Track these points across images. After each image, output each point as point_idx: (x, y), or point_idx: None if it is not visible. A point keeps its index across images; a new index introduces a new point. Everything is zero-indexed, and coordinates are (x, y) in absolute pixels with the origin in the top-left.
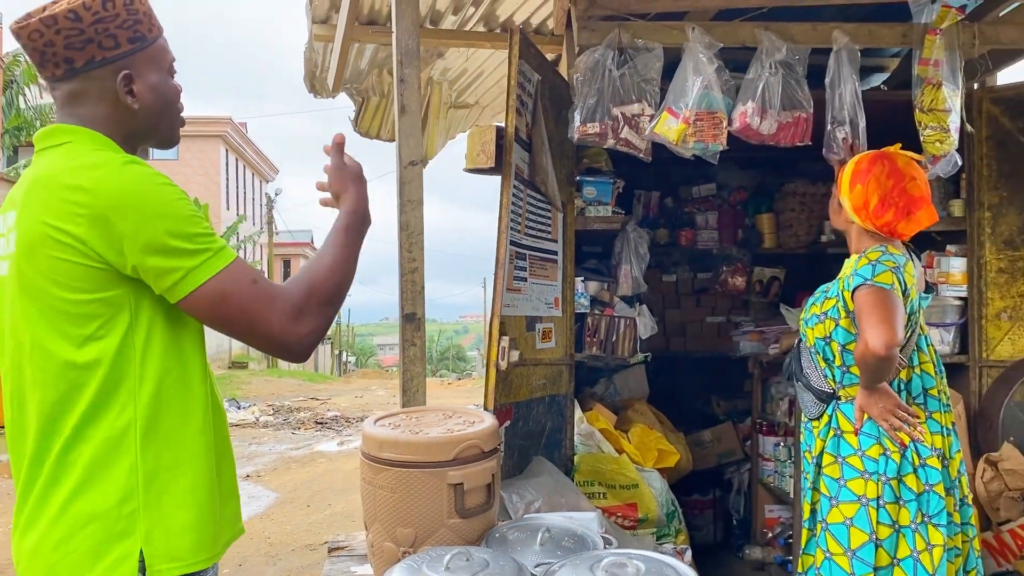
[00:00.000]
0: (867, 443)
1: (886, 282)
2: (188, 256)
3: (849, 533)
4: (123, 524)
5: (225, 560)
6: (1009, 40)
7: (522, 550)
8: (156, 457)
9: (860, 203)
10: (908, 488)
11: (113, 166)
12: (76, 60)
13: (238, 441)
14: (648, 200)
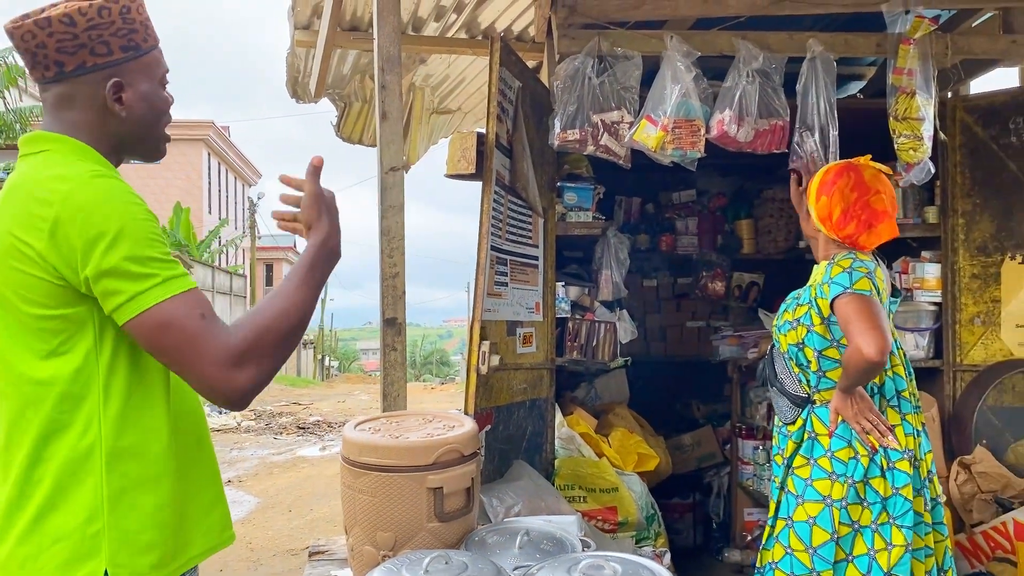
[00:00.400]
0: (838, 445)
1: (865, 288)
2: (137, 280)
3: (811, 531)
4: (89, 544)
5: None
6: (981, 50)
7: (501, 553)
8: (121, 477)
9: (825, 214)
10: (874, 491)
11: (81, 179)
12: (67, 64)
13: (220, 446)
14: (629, 206)
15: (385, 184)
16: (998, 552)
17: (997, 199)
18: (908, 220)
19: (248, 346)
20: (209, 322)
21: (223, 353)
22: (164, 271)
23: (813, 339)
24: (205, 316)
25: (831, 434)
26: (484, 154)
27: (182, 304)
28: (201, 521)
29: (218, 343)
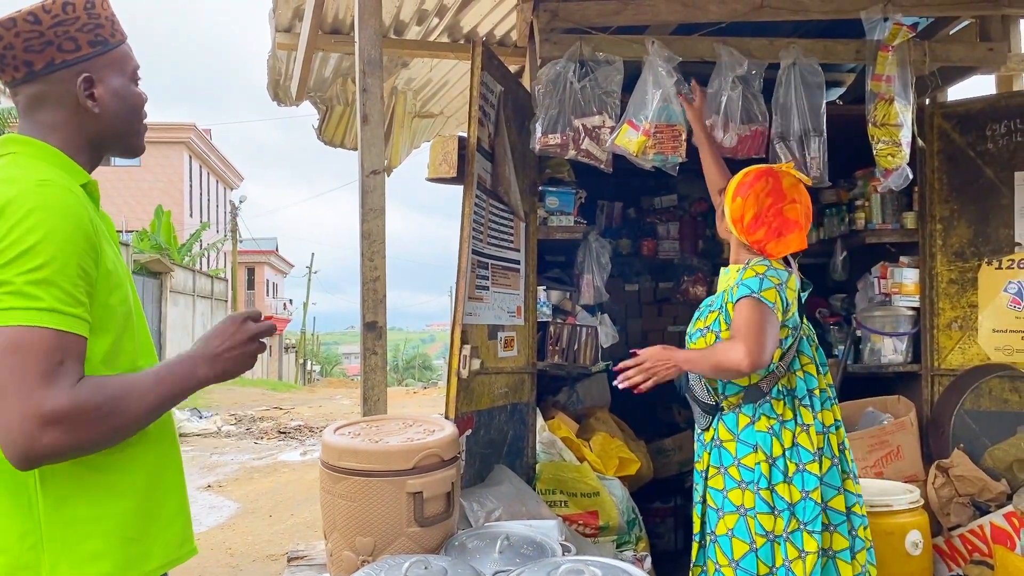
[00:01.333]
0: (744, 451)
1: (770, 299)
2: (20, 296)
3: (732, 544)
4: (27, 557)
5: (185, 571)
6: (958, 58)
7: (481, 558)
8: (57, 489)
9: (738, 215)
10: (781, 498)
11: (25, 185)
12: (35, 63)
13: (200, 451)
14: (611, 210)
15: (366, 187)
16: (975, 555)
17: (974, 205)
18: (887, 225)
19: (73, 413)
20: (62, 370)
21: (44, 409)
22: (55, 301)
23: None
24: (63, 363)
25: (736, 439)
26: (466, 158)
27: (49, 339)
28: (162, 533)
29: (49, 396)
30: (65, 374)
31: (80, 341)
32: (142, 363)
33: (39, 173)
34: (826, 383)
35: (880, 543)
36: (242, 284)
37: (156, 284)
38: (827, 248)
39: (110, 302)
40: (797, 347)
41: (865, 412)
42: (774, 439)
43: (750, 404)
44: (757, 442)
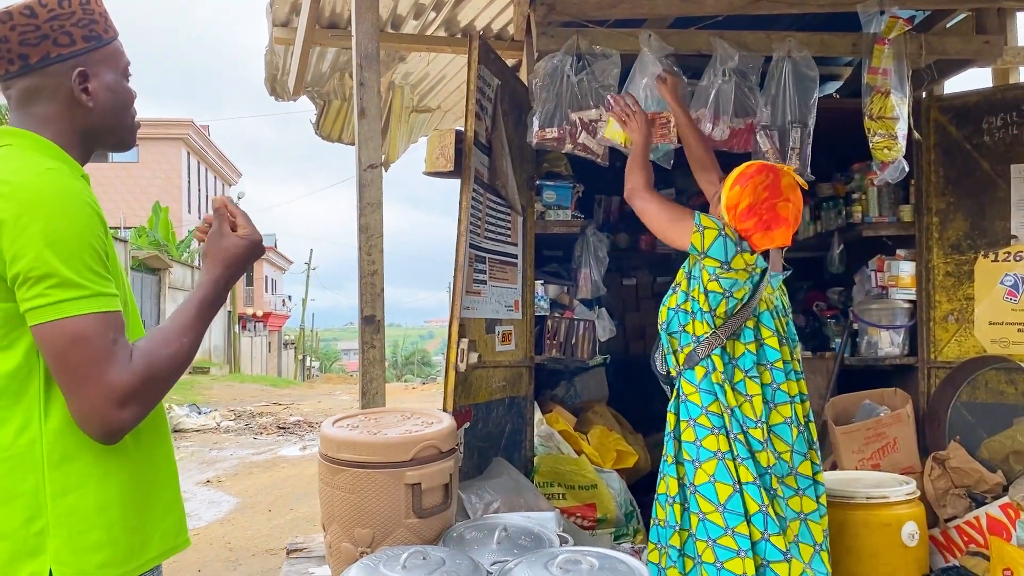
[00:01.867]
0: (707, 399)
1: (705, 223)
2: (65, 287)
3: (716, 488)
4: (32, 542)
5: (184, 566)
6: (954, 51)
7: (479, 549)
8: (64, 477)
9: (733, 202)
10: (744, 446)
11: (32, 174)
12: (31, 56)
13: (199, 446)
14: (608, 205)
15: (363, 181)
16: (971, 546)
17: (970, 198)
18: (884, 219)
19: (140, 386)
20: (118, 348)
21: (118, 388)
22: (95, 284)
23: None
24: (117, 342)
25: (699, 389)
26: (463, 152)
27: (102, 323)
28: (159, 524)
29: (117, 375)
30: (121, 351)
31: (120, 316)
32: None
33: (41, 162)
34: (789, 357)
35: (877, 534)
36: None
37: (154, 280)
38: (824, 241)
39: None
40: (760, 320)
41: (862, 404)
42: (726, 391)
43: (690, 369)
44: (715, 390)
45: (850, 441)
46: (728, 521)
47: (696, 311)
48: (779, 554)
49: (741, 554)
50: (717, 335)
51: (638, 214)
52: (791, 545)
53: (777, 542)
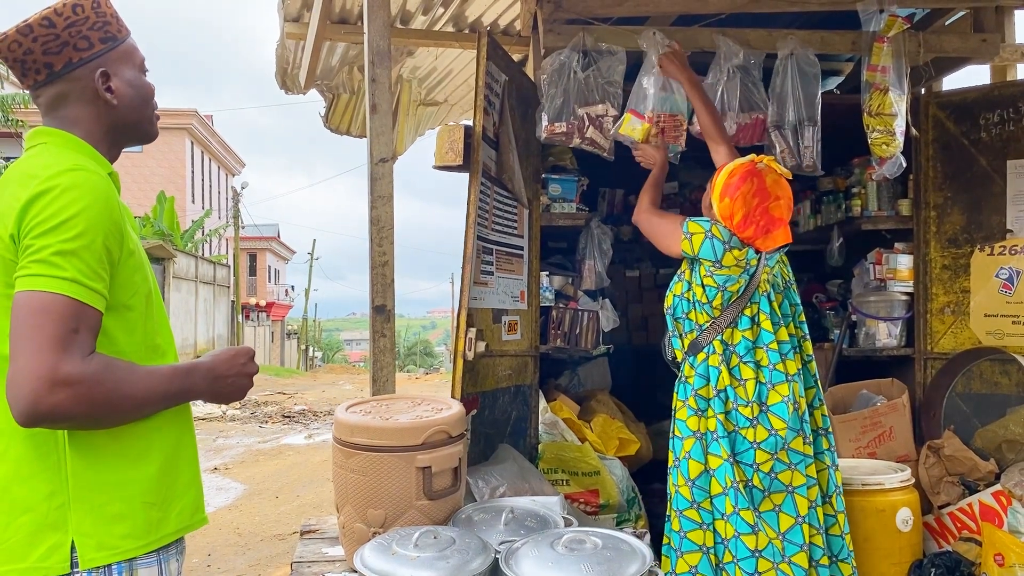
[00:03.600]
0: (700, 383)
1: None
2: (50, 265)
3: (688, 465)
4: (54, 516)
5: (194, 551)
6: (952, 48)
7: (487, 529)
8: (84, 452)
9: (727, 214)
10: (723, 426)
11: (60, 168)
12: (55, 64)
13: (205, 434)
14: (612, 197)
15: (375, 175)
16: (964, 532)
17: (967, 193)
18: (882, 212)
19: (80, 383)
20: (75, 337)
21: (56, 371)
22: (78, 274)
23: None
24: (77, 331)
25: (696, 373)
26: (471, 146)
27: (68, 307)
28: (178, 501)
29: (61, 359)
30: (79, 343)
31: (96, 315)
32: (159, 340)
33: (70, 160)
34: (788, 335)
35: (871, 519)
36: (244, 270)
37: (159, 270)
38: (824, 235)
39: (134, 279)
40: (758, 306)
41: (859, 394)
42: (721, 373)
43: (692, 356)
44: (708, 374)
45: (847, 430)
46: (695, 496)
47: (695, 302)
48: (747, 527)
49: (703, 527)
50: (716, 324)
51: (643, 233)
52: (767, 514)
53: (745, 516)
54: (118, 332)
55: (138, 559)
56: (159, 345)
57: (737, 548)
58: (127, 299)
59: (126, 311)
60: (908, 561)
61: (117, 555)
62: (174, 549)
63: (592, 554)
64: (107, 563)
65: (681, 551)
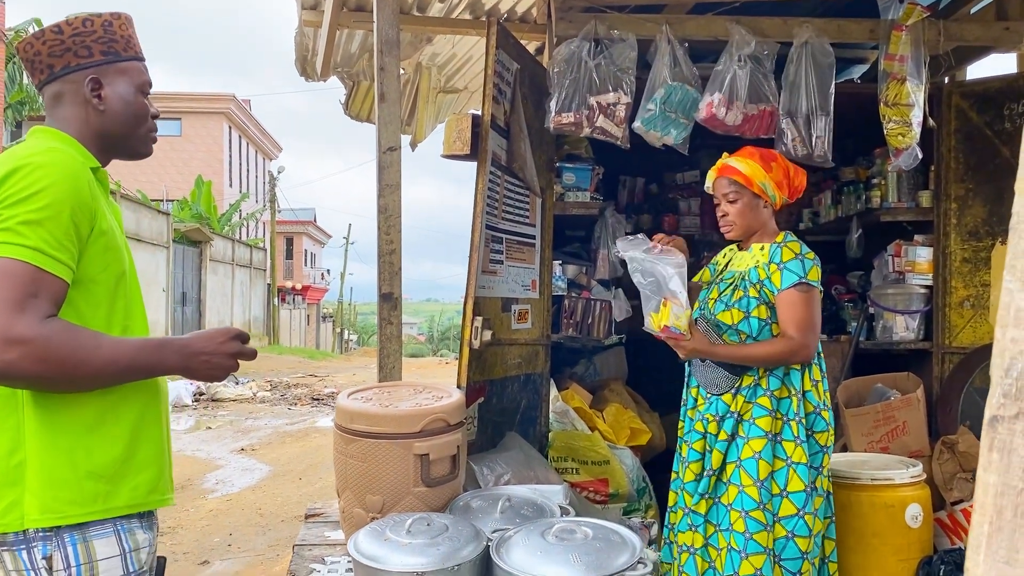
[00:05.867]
0: (775, 384)
1: (816, 278)
2: (14, 232)
3: (758, 465)
4: (13, 474)
5: (216, 529)
6: (973, 37)
7: (483, 517)
8: (41, 416)
9: (781, 176)
10: (804, 429)
11: (39, 150)
12: (56, 65)
13: (234, 416)
14: (633, 186)
15: (383, 164)
16: None
17: (990, 184)
18: (902, 204)
19: (35, 343)
20: (33, 302)
21: (12, 327)
22: (41, 243)
23: (752, 324)
24: (36, 296)
25: (769, 373)
26: (479, 135)
27: (27, 273)
28: (132, 476)
29: (17, 320)
30: (37, 306)
31: (58, 283)
32: (130, 323)
33: (48, 144)
34: None
35: (880, 515)
36: (281, 253)
37: (196, 253)
38: (844, 225)
39: (105, 257)
40: None
41: (873, 388)
42: (803, 375)
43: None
44: (783, 377)
45: (860, 423)
46: (762, 497)
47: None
48: (807, 530)
49: (767, 528)
50: None
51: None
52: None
53: (808, 520)
54: (84, 305)
55: (90, 526)
56: (129, 326)
57: (787, 549)
58: (95, 274)
59: (92, 285)
60: (917, 557)
61: (59, 519)
62: (137, 520)
63: (582, 544)
64: (53, 525)
65: (747, 553)
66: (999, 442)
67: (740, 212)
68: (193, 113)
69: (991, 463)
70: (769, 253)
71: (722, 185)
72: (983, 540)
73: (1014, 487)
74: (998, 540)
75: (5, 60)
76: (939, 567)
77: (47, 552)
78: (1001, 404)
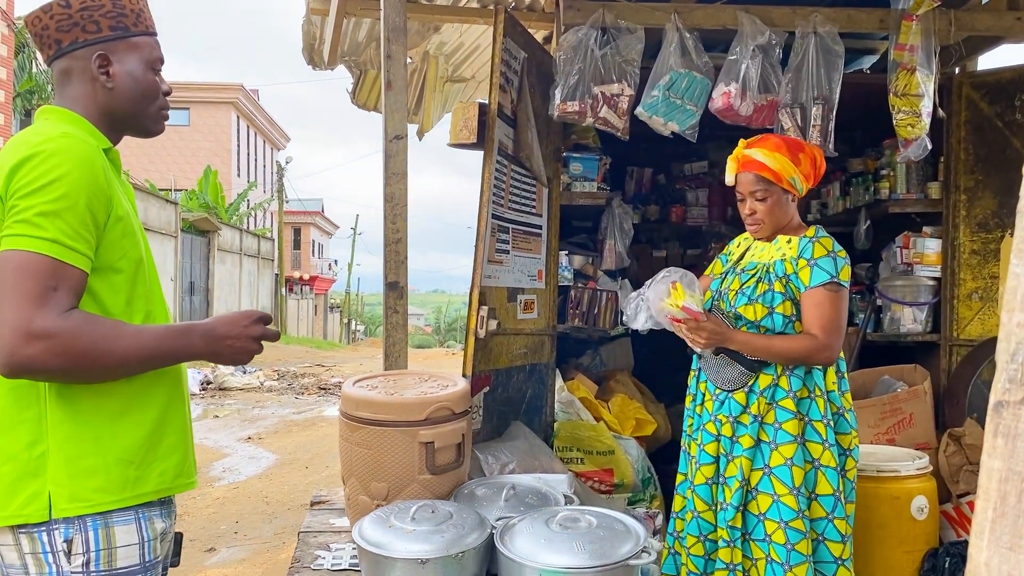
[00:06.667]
0: (796, 384)
1: (847, 278)
2: (31, 225)
3: (792, 472)
4: (34, 465)
5: (223, 517)
6: (985, 27)
7: (488, 505)
8: (64, 405)
9: (809, 167)
10: (833, 432)
11: (46, 135)
12: (63, 41)
13: (242, 404)
14: (641, 176)
15: (389, 152)
16: None
17: (999, 176)
18: (911, 195)
19: (56, 337)
20: (54, 295)
21: (31, 324)
22: (59, 234)
23: (776, 320)
24: (56, 289)
25: (790, 373)
26: (486, 124)
27: (47, 266)
28: (160, 461)
29: (37, 313)
30: (57, 300)
31: (77, 274)
32: (151, 307)
33: (61, 129)
34: None
35: (885, 506)
36: (288, 244)
37: (203, 242)
38: (853, 217)
39: (123, 244)
40: None
41: (880, 379)
42: (827, 374)
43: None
44: (803, 376)
45: (866, 415)
46: (800, 504)
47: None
48: (839, 536)
49: (807, 536)
50: None
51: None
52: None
53: (839, 525)
54: (105, 293)
55: (113, 514)
56: (151, 311)
57: (818, 552)
58: (114, 262)
59: (113, 273)
60: (923, 549)
61: (89, 507)
62: (158, 509)
63: (586, 532)
64: (79, 514)
65: (790, 564)
66: (1004, 428)
67: (769, 210)
68: (201, 103)
69: (995, 448)
70: (799, 247)
71: (748, 182)
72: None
73: (1018, 473)
74: (1001, 526)
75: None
76: (944, 559)
77: (69, 535)
78: (1006, 389)
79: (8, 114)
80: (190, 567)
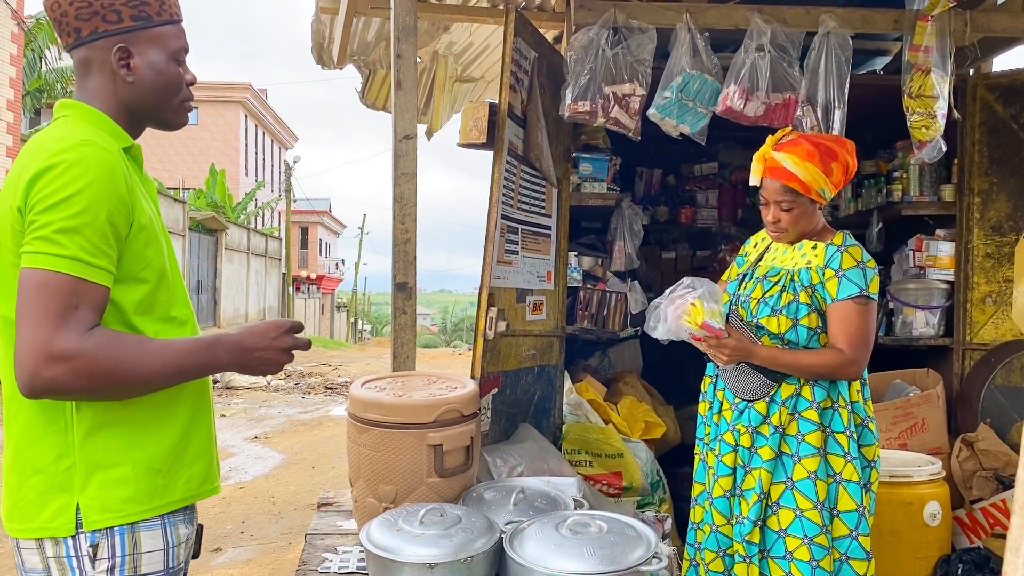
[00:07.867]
0: (820, 394)
1: (876, 292)
2: (52, 243)
3: (815, 486)
4: (61, 478)
5: (228, 517)
6: (1001, 28)
7: (496, 509)
8: (91, 417)
9: (840, 176)
10: (856, 444)
11: (67, 142)
12: (83, 30)
13: (248, 403)
14: (650, 177)
15: (398, 152)
16: (996, 528)
17: (1014, 178)
18: (924, 198)
19: (79, 357)
20: (75, 314)
21: (53, 345)
22: (79, 251)
23: (800, 332)
24: (77, 308)
25: (813, 383)
26: (496, 124)
27: (68, 285)
28: (186, 470)
29: (59, 334)
30: (78, 319)
31: (99, 290)
32: (175, 312)
33: (83, 134)
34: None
35: (898, 512)
36: (296, 243)
37: (211, 241)
38: (865, 219)
39: (146, 253)
40: None
41: (892, 384)
42: (851, 385)
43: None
44: (828, 387)
45: (877, 420)
46: (824, 519)
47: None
48: (863, 554)
49: (830, 552)
50: None
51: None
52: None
53: (863, 542)
54: (129, 304)
55: (141, 523)
56: (175, 317)
57: (842, 572)
58: (138, 272)
59: (137, 284)
60: (935, 556)
61: (119, 518)
62: (182, 515)
63: (596, 538)
64: (109, 525)
65: None
66: None
67: (794, 220)
68: (210, 102)
69: None
70: (825, 256)
71: (775, 190)
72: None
73: None
74: None
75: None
76: (957, 566)
77: (95, 540)
78: None
79: (18, 112)
80: (196, 567)
